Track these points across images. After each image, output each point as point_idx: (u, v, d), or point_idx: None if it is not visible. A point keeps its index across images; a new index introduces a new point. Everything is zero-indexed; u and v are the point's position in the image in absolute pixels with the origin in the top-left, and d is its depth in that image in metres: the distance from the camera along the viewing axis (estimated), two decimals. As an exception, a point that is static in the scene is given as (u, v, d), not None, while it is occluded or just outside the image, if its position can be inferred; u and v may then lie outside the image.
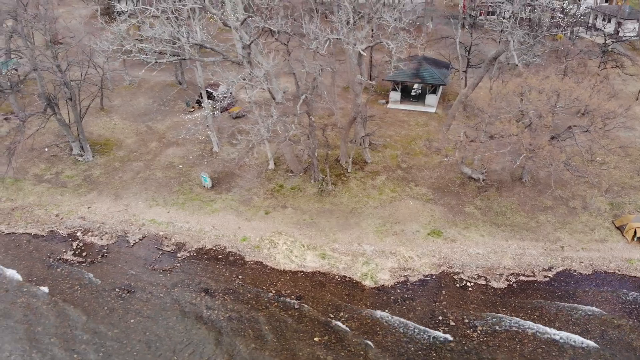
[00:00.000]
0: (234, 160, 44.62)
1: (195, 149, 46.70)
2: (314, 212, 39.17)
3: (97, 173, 43.67)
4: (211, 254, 35.85)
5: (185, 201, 40.64)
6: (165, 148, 47.03)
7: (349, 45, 31.40)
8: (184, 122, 50.52)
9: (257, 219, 38.68)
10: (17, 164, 44.50)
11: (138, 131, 49.38)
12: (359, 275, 33.60)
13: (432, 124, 49.80)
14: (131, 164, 44.83)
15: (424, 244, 36.37)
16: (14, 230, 38.10)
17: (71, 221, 38.91)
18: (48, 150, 46.35)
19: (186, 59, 33.02)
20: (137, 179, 43.07)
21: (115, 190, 41.81)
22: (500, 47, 37.58)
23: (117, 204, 40.50)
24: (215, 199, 40.77)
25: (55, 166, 44.55)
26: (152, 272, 34.22)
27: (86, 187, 42.15)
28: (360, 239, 36.67)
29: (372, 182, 41.82)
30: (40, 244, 36.72)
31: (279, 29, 31.18)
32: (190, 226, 38.31)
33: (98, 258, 35.37)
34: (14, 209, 40.12)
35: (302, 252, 35.54)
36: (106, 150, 46.53)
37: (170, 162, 45.13)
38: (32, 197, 41.22)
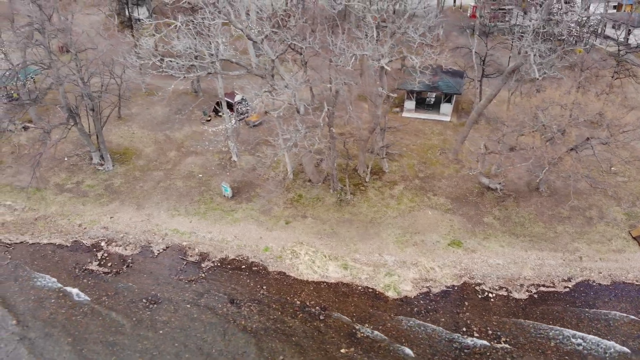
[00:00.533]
0: (254, 169, 45.11)
1: (214, 158, 47.18)
2: (334, 222, 39.62)
3: (118, 182, 44.16)
4: (234, 264, 36.32)
5: (207, 211, 41.12)
6: (185, 157, 47.52)
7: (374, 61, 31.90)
8: (203, 132, 50.93)
9: (278, 229, 39.14)
10: (39, 174, 44.98)
11: (157, 140, 49.88)
12: (381, 286, 34.05)
13: (447, 132, 50.24)
14: (151, 174, 45.32)
15: (445, 254, 36.81)
16: (38, 240, 38.59)
17: (94, 231, 39.40)
18: (68, 159, 46.85)
19: (212, 73, 33.48)
20: (158, 188, 43.56)
21: (136, 200, 42.30)
22: (519, 60, 38.02)
23: (139, 213, 40.98)
24: (236, 209, 41.24)
25: (76, 175, 45.05)
26: (177, 282, 34.69)
27: (108, 197, 42.64)
28: (381, 249, 37.12)
29: (391, 192, 42.27)
30: (65, 254, 37.21)
31: (307, 46, 31.67)
32: (212, 236, 38.78)
33: (123, 268, 35.85)
34: (37, 219, 40.61)
35: (324, 262, 36.00)
36: (126, 159, 47.02)
37: (190, 171, 45.61)
38: (55, 207, 41.71)
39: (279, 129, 39.36)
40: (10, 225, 39.94)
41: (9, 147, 47.73)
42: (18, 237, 38.86)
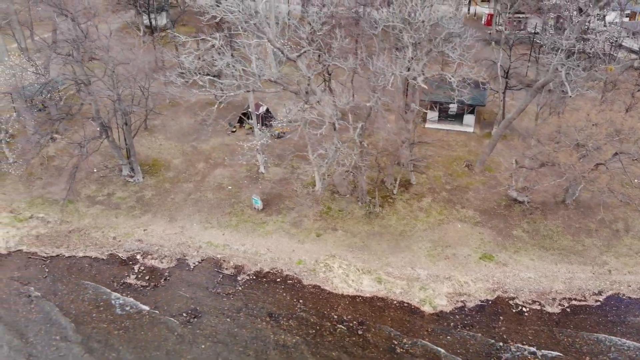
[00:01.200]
0: (282, 181, 45.70)
1: (242, 170, 47.74)
2: (364, 234, 40.16)
3: (149, 195, 44.75)
4: (269, 277, 36.88)
5: (238, 223, 41.69)
6: (213, 169, 48.09)
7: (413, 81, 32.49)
8: (229, 144, 51.48)
9: (309, 242, 39.69)
10: (67, 185, 45.59)
11: (184, 151, 50.46)
12: (417, 301, 34.56)
13: (471, 144, 50.76)
14: (181, 185, 45.91)
15: (477, 268, 37.33)
16: (74, 253, 39.17)
17: (129, 244, 39.98)
18: (97, 171, 47.41)
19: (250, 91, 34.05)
20: (189, 200, 44.14)
21: (168, 212, 42.88)
22: (549, 76, 38.54)
23: (172, 226, 41.56)
24: (266, 221, 41.80)
25: (106, 187, 45.64)
26: (215, 295, 35.25)
27: (140, 209, 43.22)
28: (413, 262, 37.64)
29: (419, 204, 42.80)
30: (102, 268, 37.78)
31: (350, 68, 32.24)
32: (246, 249, 39.34)
33: (161, 282, 36.43)
34: (71, 232, 41.19)
35: (358, 276, 36.54)
36: (155, 171, 47.61)
37: (219, 183, 46.18)
38: (88, 219, 42.30)
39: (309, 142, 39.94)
40: (45, 238, 40.52)
41: (38, 158, 48.18)
42: (54, 250, 39.44)
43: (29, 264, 38.14)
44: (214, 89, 32.80)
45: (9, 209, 43.65)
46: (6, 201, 44.46)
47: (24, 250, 39.43)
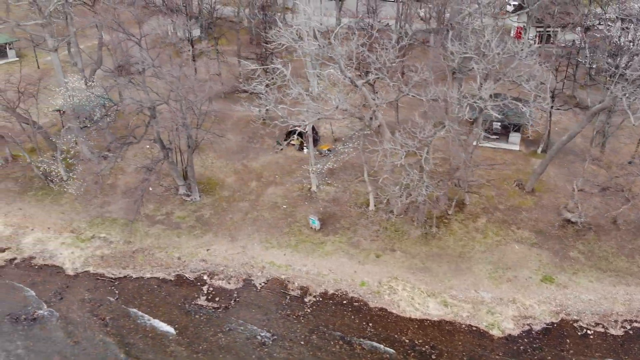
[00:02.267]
0: (335, 200, 46.52)
1: (294, 189, 48.57)
2: (424, 256, 40.94)
3: (207, 214, 45.62)
4: (335, 299, 37.70)
5: (298, 243, 42.52)
6: (266, 187, 48.93)
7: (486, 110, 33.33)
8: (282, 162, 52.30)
9: (369, 263, 40.49)
10: (126, 205, 46.57)
11: (235, 170, 51.31)
12: (485, 325, 35.32)
13: (519, 162, 51.43)
14: (237, 204, 46.76)
15: (539, 290, 38.06)
16: (142, 274, 40.06)
17: (194, 264, 40.87)
18: (153, 189, 48.27)
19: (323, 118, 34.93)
20: (247, 219, 45.00)
21: (229, 232, 43.75)
22: (607, 102, 39.22)
23: (234, 246, 42.43)
24: (325, 241, 42.62)
25: (164, 206, 46.53)
26: (285, 318, 36.11)
27: (200, 229, 44.10)
28: (476, 285, 38.40)
29: (474, 225, 43.54)
30: (171, 289, 38.67)
31: (429, 98, 33.08)
32: (308, 269, 40.17)
33: (231, 303, 37.30)
34: (135, 252, 42.10)
35: (424, 299, 37.33)
36: (210, 189, 48.49)
37: (274, 202, 47.02)
38: (150, 239, 43.19)
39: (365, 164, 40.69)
40: (110, 259, 41.45)
41: (93, 176, 48.99)
42: (120, 272, 40.35)
43: (98, 286, 39.07)
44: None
45: (69, 228, 44.62)
46: (66, 220, 45.43)
47: (90, 272, 40.36)
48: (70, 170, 48.86)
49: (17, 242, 43.11)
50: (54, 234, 43.86)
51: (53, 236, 43.67)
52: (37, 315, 36.53)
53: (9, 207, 47.06)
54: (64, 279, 39.62)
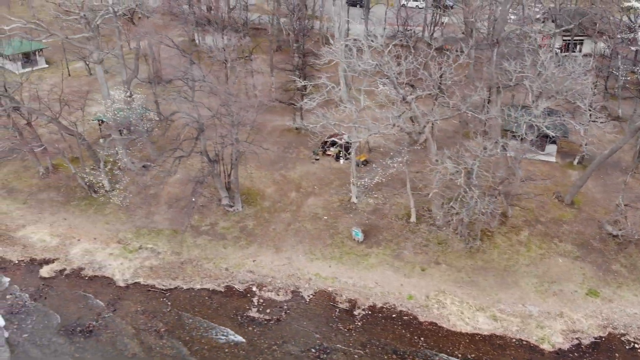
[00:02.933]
0: (375, 211, 47.04)
1: (333, 200, 49.12)
2: (469, 269, 41.41)
3: (250, 225, 46.22)
4: (384, 312, 38.25)
5: (342, 255, 43.08)
6: (305, 198, 49.49)
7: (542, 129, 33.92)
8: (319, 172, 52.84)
9: (415, 276, 41.01)
10: (171, 215, 47.29)
11: (274, 180, 51.90)
12: (535, 339, 35.81)
13: (555, 174, 51.80)
14: (279, 215, 47.35)
15: (585, 304, 38.51)
16: (191, 285, 40.72)
17: (242, 275, 41.49)
18: (195, 200, 48.88)
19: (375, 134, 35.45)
20: (290, 230, 45.58)
21: (273, 243, 44.35)
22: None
23: (279, 257, 43.03)
24: (369, 254, 43.16)
25: (208, 217, 47.15)
26: (337, 330, 36.69)
27: (245, 240, 44.72)
28: (523, 299, 38.87)
29: (517, 238, 43.99)
30: (222, 300, 39.31)
31: (487, 117, 33.60)
32: (354, 282, 40.72)
33: (282, 315, 37.90)
34: (183, 263, 42.74)
35: (473, 313, 37.82)
36: (251, 200, 49.08)
37: (315, 213, 47.58)
38: (197, 250, 43.84)
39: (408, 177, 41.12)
40: (159, 270, 42.11)
41: (135, 187, 49.67)
42: (171, 283, 41.01)
43: (150, 297, 39.74)
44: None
45: (115, 239, 45.32)
46: (112, 231, 46.13)
47: (141, 283, 41.03)
48: (115, 182, 49.45)
49: (65, 253, 43.80)
50: (101, 245, 44.56)
51: (100, 247, 44.37)
52: (91, 327, 37.19)
53: (53, 217, 47.81)
54: (115, 290, 40.30)
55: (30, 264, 42.84)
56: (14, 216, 48.05)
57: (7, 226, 46.97)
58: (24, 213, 48.38)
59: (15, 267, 42.55)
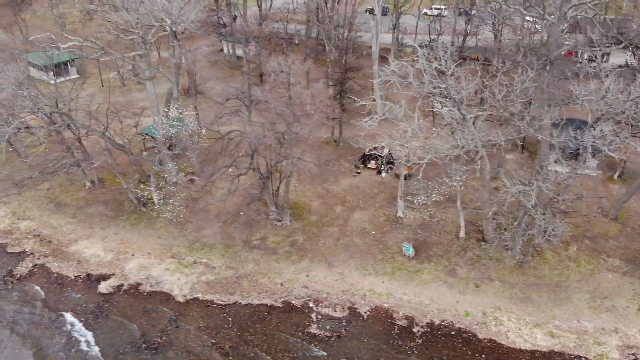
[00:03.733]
0: (422, 226, 47.69)
1: (379, 214, 49.78)
2: (522, 285, 42.08)
3: (300, 239, 46.88)
4: (442, 329, 38.91)
5: (394, 271, 43.74)
6: (351, 212, 50.15)
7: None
8: (362, 186, 53.49)
9: (469, 292, 41.67)
10: (219, 229, 47.99)
11: (318, 194, 52.56)
12: (593, 355, 36.51)
13: (598, 188, 52.41)
14: (327, 230, 48.01)
15: (638, 319, 39.21)
16: (249, 300, 41.38)
17: (297, 290, 42.15)
18: (243, 214, 49.56)
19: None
20: (339, 245, 46.25)
21: (324, 258, 45.02)
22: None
23: (331, 272, 43.70)
24: (420, 269, 43.82)
25: (257, 231, 47.79)
26: (398, 348, 37.36)
27: (296, 254, 45.39)
28: (577, 315, 39.55)
29: (566, 254, 44.65)
30: (281, 316, 39.98)
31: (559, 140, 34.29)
32: (409, 298, 41.40)
33: (342, 332, 38.58)
34: (239, 278, 43.40)
35: (530, 330, 38.50)
36: (298, 214, 49.73)
37: (362, 227, 48.24)
38: (251, 265, 44.50)
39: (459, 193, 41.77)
40: (216, 285, 42.77)
41: (182, 201, 50.30)
42: (229, 298, 41.68)
43: (210, 313, 40.42)
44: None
45: (169, 254, 45.98)
46: (164, 246, 46.79)
47: (200, 298, 41.69)
48: (164, 196, 50.07)
49: (121, 268, 44.46)
50: (155, 260, 45.22)
51: (155, 262, 45.03)
52: (156, 344, 37.85)
53: (104, 231, 48.47)
54: (175, 306, 40.97)
55: (87, 280, 43.50)
56: (65, 231, 48.72)
57: (59, 241, 47.66)
58: (75, 227, 49.05)
59: (73, 283, 43.20)
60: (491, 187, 45.92)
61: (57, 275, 43.95)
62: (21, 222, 50.08)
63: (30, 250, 46.67)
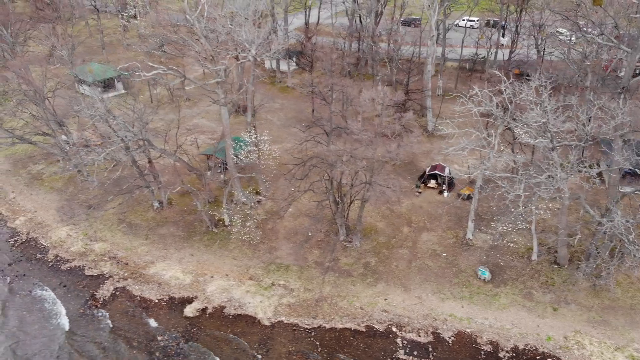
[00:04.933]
0: (493, 249, 48.49)
1: (448, 236, 50.62)
2: (598, 308, 42.90)
3: (372, 261, 47.73)
4: (527, 354, 39.74)
5: (471, 295, 44.55)
6: (419, 233, 50.98)
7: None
8: (426, 206, 54.30)
9: (549, 316, 42.47)
10: (293, 250, 48.86)
11: (383, 214, 53.39)
12: (679, 381, 37.36)
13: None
14: (397, 251, 48.85)
15: None
16: (333, 324, 42.24)
17: (377, 314, 43.01)
18: (311, 234, 50.45)
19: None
20: (412, 268, 47.09)
21: (399, 281, 45.86)
22: None
23: (409, 296, 44.55)
24: (497, 293, 44.62)
25: (327, 254, 48.54)
26: (488, 374, 38.20)
27: (371, 277, 46.23)
28: (656, 338, 40.41)
29: (637, 275, 45.44)
30: (367, 341, 40.84)
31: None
32: (490, 323, 42.21)
33: (430, 358, 39.41)
34: (319, 300, 44.24)
35: (612, 353, 39.34)
36: (365, 234, 50.57)
37: (432, 249, 49.08)
38: (328, 287, 45.34)
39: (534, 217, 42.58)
40: (298, 308, 43.64)
41: (252, 221, 51.01)
42: (312, 321, 42.55)
43: (297, 337, 41.29)
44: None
45: (247, 275, 46.87)
46: (241, 267, 47.68)
47: (284, 322, 42.56)
48: (233, 216, 50.97)
49: (202, 291, 45.35)
50: (234, 282, 46.10)
51: (234, 284, 45.91)
52: (250, 367, 38.74)
53: (179, 253, 49.36)
54: (262, 330, 41.86)
55: (171, 303, 44.38)
56: (140, 252, 49.62)
57: (135, 263, 48.56)
58: (149, 249, 49.95)
59: (157, 307, 44.10)
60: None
61: (140, 298, 44.84)
62: (94, 243, 50.99)
63: (108, 272, 47.58)
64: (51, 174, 61.39)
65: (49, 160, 63.56)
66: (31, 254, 50.22)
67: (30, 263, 49.21)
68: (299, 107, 74.42)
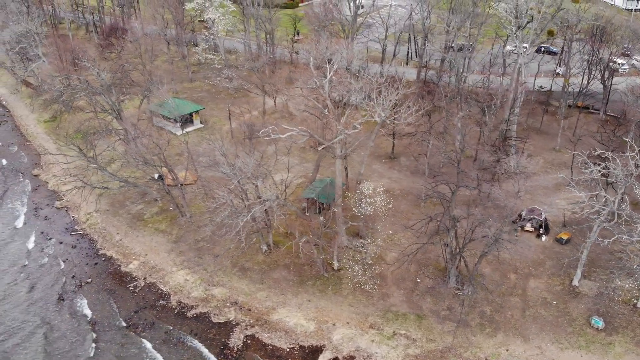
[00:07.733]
0: (599, 296, 50.12)
1: (554, 282, 52.31)
2: None
3: (487, 310, 49.53)
4: (654, 407, 41.50)
5: (587, 344, 46.27)
6: (526, 280, 52.70)
7: None
8: (524, 251, 56.01)
9: (666, 366, 44.21)
10: (406, 297, 50.64)
11: (487, 259, 54.76)
12: None
13: None
14: (509, 300, 50.61)
15: None
16: (464, 378, 44.10)
17: (504, 367, 44.84)
18: (420, 281, 52.32)
19: None
20: (527, 317, 48.85)
21: (517, 331, 47.63)
22: None
23: (529, 346, 46.32)
24: (611, 342, 46.34)
25: (440, 300, 50.35)
26: None
27: (489, 327, 48.03)
28: None
29: None
30: (499, 394, 42.66)
31: None
32: (611, 373, 43.98)
33: (566, 412, 41.21)
34: (443, 352, 46.10)
35: None
36: (473, 281, 52.30)
37: (543, 297, 50.78)
38: (448, 338, 47.19)
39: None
40: (425, 359, 45.52)
41: (360, 266, 52.79)
42: (442, 373, 44.46)
43: (430, 388, 43.19)
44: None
45: (367, 323, 48.79)
46: (359, 314, 49.60)
47: (416, 374, 44.50)
48: (339, 260, 52.94)
49: (328, 339, 47.34)
50: (357, 330, 48.03)
51: (357, 332, 47.85)
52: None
53: (297, 298, 51.35)
54: (395, 381, 43.78)
55: (302, 352, 46.36)
56: (260, 298, 51.64)
57: (257, 309, 50.57)
58: (267, 294, 51.95)
59: (290, 356, 46.08)
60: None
61: (272, 347, 46.82)
62: (213, 288, 53.07)
63: (234, 319, 49.62)
64: (152, 214, 63.54)
65: (146, 200, 65.81)
66: (154, 301, 52.30)
67: (155, 310, 51.27)
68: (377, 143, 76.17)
